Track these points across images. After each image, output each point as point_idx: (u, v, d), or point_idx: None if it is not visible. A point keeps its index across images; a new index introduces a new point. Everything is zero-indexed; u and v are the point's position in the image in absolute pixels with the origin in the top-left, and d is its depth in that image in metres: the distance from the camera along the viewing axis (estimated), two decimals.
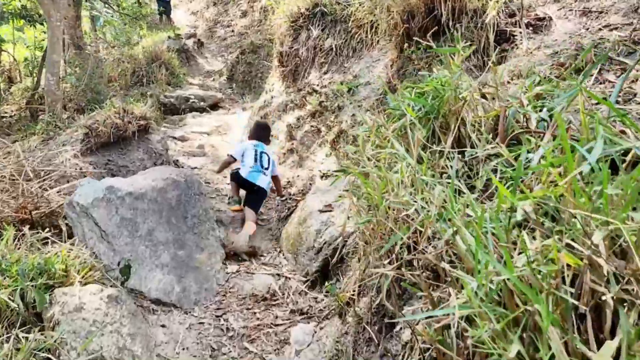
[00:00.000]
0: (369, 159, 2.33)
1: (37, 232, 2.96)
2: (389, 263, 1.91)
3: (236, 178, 5.22)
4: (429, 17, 4.55)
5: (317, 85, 6.34)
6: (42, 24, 11.22)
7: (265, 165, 5.27)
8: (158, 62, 11.75)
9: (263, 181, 5.12)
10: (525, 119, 2.03)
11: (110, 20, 8.26)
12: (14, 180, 3.85)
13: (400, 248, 1.91)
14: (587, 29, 3.94)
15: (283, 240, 4.16)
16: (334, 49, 6.41)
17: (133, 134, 4.68)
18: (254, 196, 5.04)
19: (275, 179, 5.45)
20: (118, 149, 4.58)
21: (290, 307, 3.26)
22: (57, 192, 3.88)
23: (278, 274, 3.72)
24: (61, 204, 3.38)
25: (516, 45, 4.25)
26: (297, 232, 3.88)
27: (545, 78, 3.16)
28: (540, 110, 2.07)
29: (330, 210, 3.80)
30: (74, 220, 3.11)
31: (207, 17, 20.08)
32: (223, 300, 3.39)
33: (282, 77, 7.12)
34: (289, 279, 3.63)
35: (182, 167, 6.08)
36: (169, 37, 15.00)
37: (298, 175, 5.58)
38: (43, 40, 17.76)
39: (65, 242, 3.16)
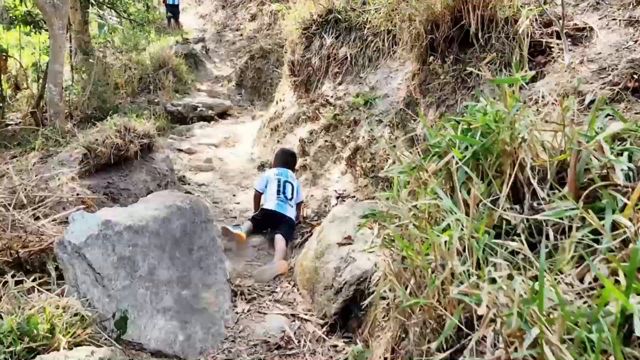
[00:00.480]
0: (403, 208, 1.95)
1: (23, 280, 2.62)
2: (438, 350, 1.53)
3: (257, 215, 4.77)
4: (456, 27, 4.17)
5: (331, 96, 5.97)
6: (47, 30, 10.95)
7: (289, 196, 4.84)
8: (165, 68, 11.44)
9: (290, 212, 4.73)
10: (602, 166, 1.65)
11: (114, 27, 7.93)
12: (4, 207, 3.52)
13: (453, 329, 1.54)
14: (636, 41, 3.54)
15: (298, 273, 3.79)
16: (349, 58, 6.04)
17: (135, 154, 4.33)
18: (284, 225, 4.61)
19: (298, 205, 5.00)
20: (119, 171, 4.24)
21: (307, 358, 2.89)
22: (51, 221, 3.54)
23: (293, 315, 3.36)
24: (51, 242, 3.03)
25: (553, 58, 3.85)
26: (314, 267, 3.51)
27: (608, 103, 2.77)
28: (620, 155, 1.69)
29: (350, 243, 3.43)
30: (64, 262, 2.77)
31: (216, 20, 19.78)
32: (232, 348, 3.03)
33: (293, 87, 6.75)
34: (306, 321, 3.26)
35: (189, 184, 5.74)
36: (177, 42, 14.72)
37: (312, 195, 5.21)
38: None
39: (54, 286, 2.81)
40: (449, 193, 1.93)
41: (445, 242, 1.60)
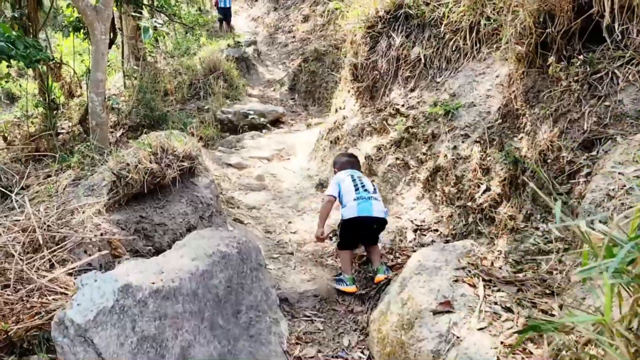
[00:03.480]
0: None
1: None
2: None
3: (346, 232, 3.74)
4: (580, 18, 3.15)
5: (402, 105, 5.03)
6: None
7: (371, 189, 3.80)
8: (216, 73, 10.80)
9: (379, 209, 3.67)
10: None
11: (160, 31, 7.29)
12: (11, 255, 2.80)
13: None
14: None
15: (374, 341, 2.89)
16: (423, 60, 5.08)
17: (174, 180, 3.55)
18: (375, 234, 3.71)
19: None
20: (154, 201, 3.47)
21: None
22: (67, 271, 2.79)
23: None
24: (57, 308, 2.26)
25: None
26: (399, 340, 2.60)
27: None
28: None
29: (450, 311, 2.50)
30: (64, 350, 2.01)
31: (268, 22, 19.19)
32: None
33: (356, 93, 5.85)
34: None
35: (238, 207, 4.94)
36: (229, 45, 14.14)
37: None
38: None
39: None
40: None
41: None
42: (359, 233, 3.73)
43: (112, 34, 9.17)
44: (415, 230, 3.99)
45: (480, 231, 3.60)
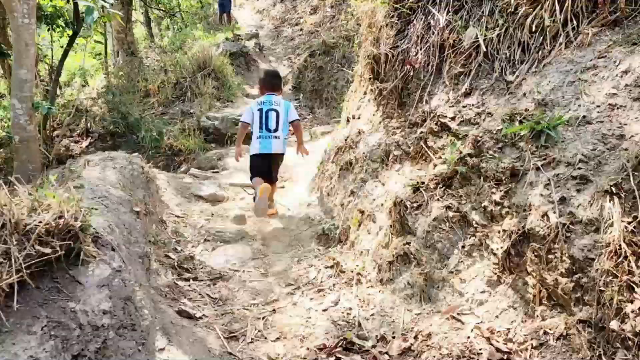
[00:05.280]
0: None
1: None
2: None
3: (251, 165, 4.52)
4: None
5: (452, 117, 3.16)
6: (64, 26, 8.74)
7: (273, 127, 4.45)
8: (206, 70, 8.97)
9: (277, 147, 4.45)
10: None
11: (114, 14, 5.46)
12: None
13: None
14: None
15: None
16: (483, 48, 3.20)
17: (29, 279, 1.72)
18: (273, 166, 4.48)
19: (295, 127, 4.65)
20: None
21: None
22: None
23: None
24: None
25: None
26: None
27: None
28: None
29: None
30: None
31: (274, 15, 17.41)
32: None
33: (377, 98, 3.98)
34: None
35: (195, 278, 3.10)
36: (227, 39, 12.33)
37: (427, 334, 2.40)
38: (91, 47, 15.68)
39: None
40: None
41: None
42: (261, 167, 4.40)
43: (76, 23, 7.35)
44: (499, 353, 2.10)
45: None
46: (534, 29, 3.10)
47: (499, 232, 2.51)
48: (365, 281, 2.93)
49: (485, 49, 3.22)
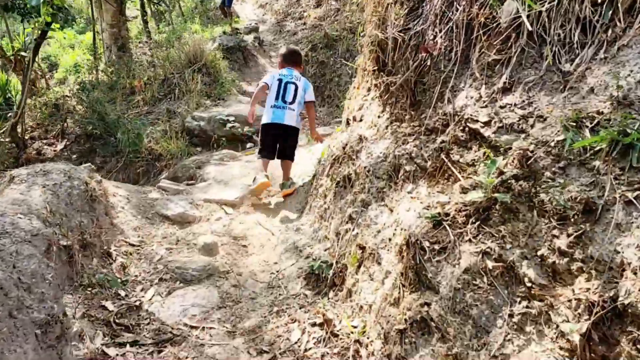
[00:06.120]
0: None
1: None
2: None
3: (262, 135, 4.41)
4: None
5: (485, 121, 2.27)
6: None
7: (289, 99, 4.34)
8: (196, 65, 8.11)
9: (290, 118, 4.31)
10: None
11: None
12: None
13: None
14: None
15: None
16: (527, 26, 2.31)
17: None
18: (286, 142, 4.31)
19: (308, 108, 4.49)
20: None
21: None
22: None
23: None
24: None
25: None
26: None
27: None
28: None
29: None
30: None
31: (277, 9, 16.56)
32: None
33: (382, 95, 3.09)
34: None
35: (134, 342, 2.26)
36: (224, 33, 11.48)
37: None
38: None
39: None
40: None
41: None
42: (274, 140, 4.32)
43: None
44: None
45: None
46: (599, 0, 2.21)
47: (569, 300, 1.63)
48: (367, 354, 2.06)
49: (530, 29, 2.33)
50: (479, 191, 1.97)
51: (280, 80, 4.41)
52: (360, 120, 3.50)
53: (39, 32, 6.61)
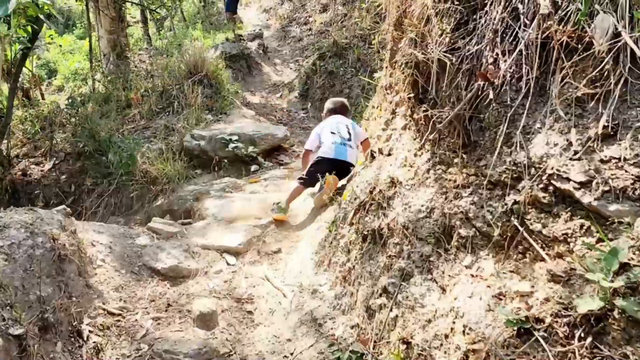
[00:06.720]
0: None
1: None
2: None
3: (317, 166, 4.01)
4: None
5: (581, 182, 1.64)
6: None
7: (346, 136, 4.18)
8: (196, 76, 7.50)
9: (352, 156, 4.10)
10: None
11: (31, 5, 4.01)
12: None
13: None
14: None
15: None
16: (632, 47, 1.68)
17: None
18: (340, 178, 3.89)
19: (363, 144, 4.15)
20: None
21: None
22: None
23: None
24: None
25: None
26: None
27: None
28: None
29: None
30: None
31: (281, 14, 16.00)
32: None
33: (421, 129, 2.46)
34: None
35: None
36: (226, 39, 10.89)
37: None
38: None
39: None
40: None
41: None
42: (326, 173, 3.90)
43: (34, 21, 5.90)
44: None
45: None
46: None
47: None
48: None
49: (637, 50, 1.70)
50: (596, 299, 1.33)
51: (329, 123, 4.31)
52: (389, 154, 2.87)
53: (20, 50, 6.04)
